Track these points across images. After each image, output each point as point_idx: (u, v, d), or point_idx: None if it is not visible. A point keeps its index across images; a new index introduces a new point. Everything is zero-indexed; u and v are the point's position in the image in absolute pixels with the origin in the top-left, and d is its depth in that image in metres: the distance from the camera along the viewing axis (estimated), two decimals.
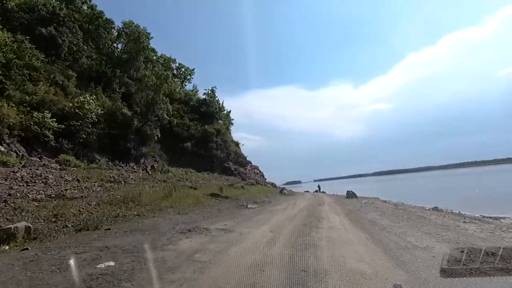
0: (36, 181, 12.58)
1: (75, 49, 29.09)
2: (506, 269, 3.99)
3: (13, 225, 6.21)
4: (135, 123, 29.15)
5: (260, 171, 45.95)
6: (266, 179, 44.75)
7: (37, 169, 15.62)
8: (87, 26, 33.62)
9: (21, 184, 11.51)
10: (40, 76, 24.33)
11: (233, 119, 50.55)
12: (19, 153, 17.66)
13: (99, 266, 4.28)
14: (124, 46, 37.13)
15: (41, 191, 10.88)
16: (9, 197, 9.09)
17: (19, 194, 9.59)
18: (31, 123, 19.29)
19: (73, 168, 18.35)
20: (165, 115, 30.70)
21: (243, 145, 46.50)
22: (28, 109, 20.10)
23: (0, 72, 19.27)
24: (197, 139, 38.17)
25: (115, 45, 37.67)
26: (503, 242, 6.39)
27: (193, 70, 49.16)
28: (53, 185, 12.79)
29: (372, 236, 6.91)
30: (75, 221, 7.67)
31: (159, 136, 30.78)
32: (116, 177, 18.01)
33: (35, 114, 19.85)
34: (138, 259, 4.59)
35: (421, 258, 4.88)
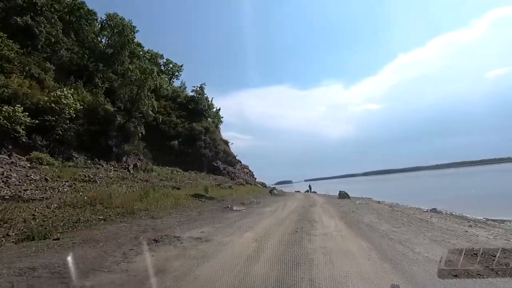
0: None
1: (53, 41, 27.38)
2: (504, 270, 3.93)
3: None
4: (118, 119, 27.64)
5: (250, 170, 44.71)
6: (256, 178, 43.57)
7: (1, 167, 14.17)
8: (67, 17, 31.88)
9: None
10: (14, 68, 22.68)
11: (222, 117, 49.13)
12: None
13: None
14: (107, 39, 35.50)
15: None
16: None
17: None
18: (0, 117, 17.71)
19: (44, 167, 16.89)
20: (150, 112, 29.20)
21: (232, 143, 45.17)
22: None
23: None
24: (185, 137, 36.79)
25: (99, 38, 36.04)
26: None
27: (181, 66, 47.59)
28: (14, 185, 11.41)
29: (374, 245, 5.84)
30: (22, 228, 6.40)
31: (143, 133, 29.28)
32: (92, 176, 16.66)
33: (4, 107, 18.26)
34: None
35: None
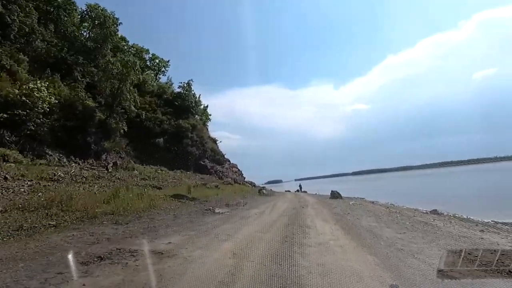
0: None
1: (27, 31, 25.55)
2: (504, 271, 3.85)
3: None
4: (98, 115, 26.01)
5: (239, 169, 43.40)
6: (245, 178, 42.28)
7: None
8: (45, 7, 30.00)
9: None
10: None
11: (210, 115, 47.60)
12: None
13: None
14: (88, 31, 33.69)
15: None
16: None
17: None
18: None
19: (10, 164, 15.30)
20: (133, 107, 27.64)
21: (220, 142, 43.78)
22: None
23: None
24: (171, 135, 35.27)
25: (81, 31, 34.19)
26: None
27: (167, 62, 45.93)
28: None
29: (382, 260, 4.67)
30: None
31: (125, 130, 27.69)
32: (63, 175, 15.15)
33: None
34: None
35: None
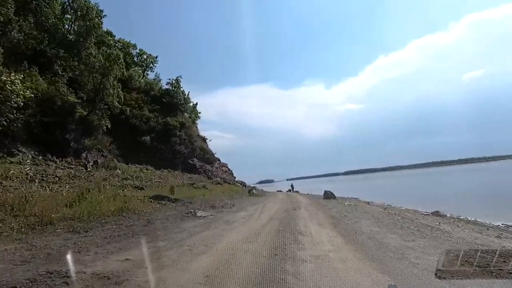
0: None
1: (3, 20, 23.92)
2: (502, 271, 3.75)
3: None
4: (79, 110, 24.53)
5: (229, 169, 42.14)
6: (235, 177, 41.04)
7: None
8: None
9: None
10: None
11: (200, 112, 46.16)
12: None
13: None
14: (71, 23, 32.06)
15: None
16: None
17: None
18: None
19: None
20: (116, 103, 26.15)
21: (210, 140, 42.41)
22: None
23: None
24: (158, 133, 33.89)
25: (65, 25, 32.50)
26: None
27: (156, 57, 44.33)
28: None
29: (398, 280, 3.63)
30: None
31: (109, 127, 26.20)
32: (32, 175, 13.76)
33: None
34: None
35: None
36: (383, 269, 4.12)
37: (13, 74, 20.53)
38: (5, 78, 19.43)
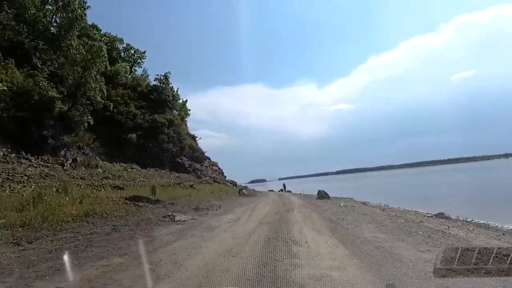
0: None
1: None
2: (500, 269, 3.72)
3: None
4: (58, 105, 23.01)
5: (220, 168, 40.91)
6: (226, 176, 39.84)
7: None
8: None
9: None
10: None
11: (189, 110, 44.67)
12: None
13: None
14: (52, 15, 30.37)
15: None
16: None
17: None
18: None
19: None
20: (99, 98, 24.68)
21: (200, 138, 41.04)
22: None
23: None
24: (145, 130, 32.50)
25: (48, 17, 30.82)
26: None
27: (144, 53, 42.73)
28: None
29: None
30: None
31: (91, 123, 24.74)
32: None
33: None
34: None
35: None
36: None
37: None
38: None
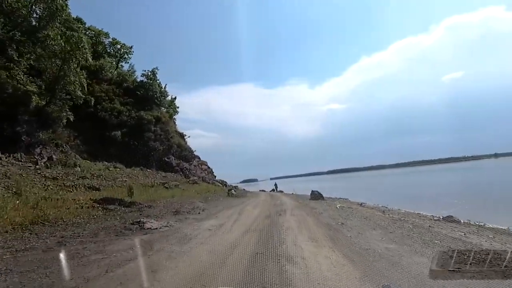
0: None
1: None
2: (495, 272, 3.68)
3: None
4: (35, 100, 21.39)
5: (209, 167, 39.43)
6: (215, 176, 38.46)
7: None
8: None
9: None
10: None
11: (178, 107, 43.04)
12: None
13: None
14: (31, 5, 28.61)
15: None
16: None
17: None
18: None
19: None
20: (79, 92, 23.09)
21: (189, 137, 39.47)
22: None
23: None
24: (130, 127, 30.91)
25: (28, 9, 29.04)
26: None
27: (131, 48, 41.04)
28: None
29: None
30: None
31: (71, 119, 23.15)
32: None
33: None
34: None
35: None
36: None
37: None
38: None
